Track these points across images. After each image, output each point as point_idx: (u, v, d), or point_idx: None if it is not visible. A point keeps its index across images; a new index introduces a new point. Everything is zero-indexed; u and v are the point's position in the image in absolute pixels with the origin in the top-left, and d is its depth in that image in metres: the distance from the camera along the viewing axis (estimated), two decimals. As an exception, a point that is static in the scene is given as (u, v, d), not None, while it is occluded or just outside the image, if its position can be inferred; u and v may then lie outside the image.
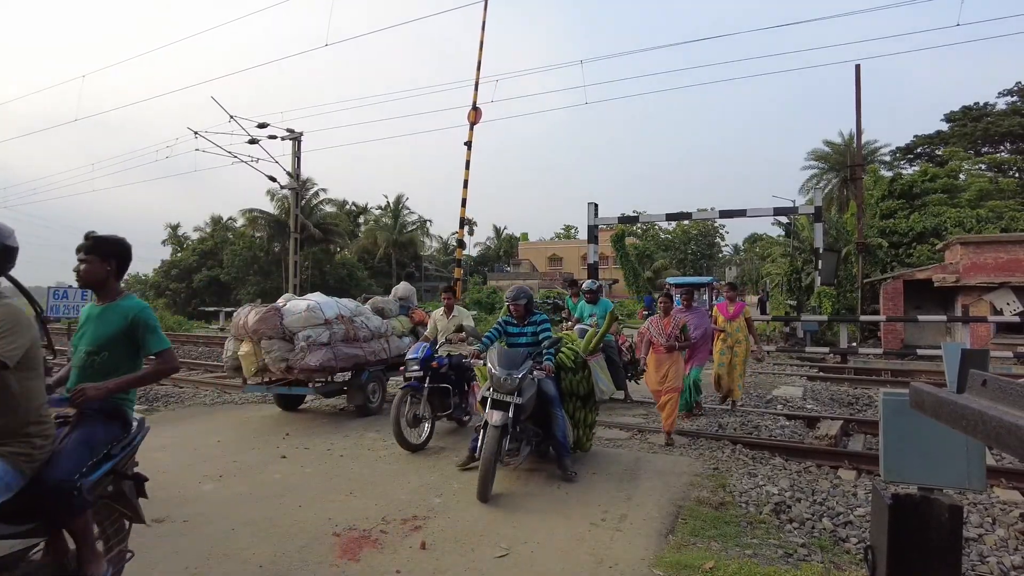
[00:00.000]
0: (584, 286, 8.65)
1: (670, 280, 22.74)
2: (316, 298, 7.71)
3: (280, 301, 7.70)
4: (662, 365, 6.44)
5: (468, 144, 16.85)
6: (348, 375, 7.85)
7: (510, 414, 4.75)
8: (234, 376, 7.90)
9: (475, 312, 17.52)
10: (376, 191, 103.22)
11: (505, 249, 64.19)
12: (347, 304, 7.93)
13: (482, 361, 5.34)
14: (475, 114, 16.81)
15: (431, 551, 3.68)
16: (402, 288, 9.60)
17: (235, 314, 7.68)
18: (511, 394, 4.79)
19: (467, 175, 16.93)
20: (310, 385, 7.37)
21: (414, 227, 52.21)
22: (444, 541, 3.82)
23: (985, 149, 37.68)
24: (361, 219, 55.64)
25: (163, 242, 52.03)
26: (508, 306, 5.70)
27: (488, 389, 4.94)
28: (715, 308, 8.48)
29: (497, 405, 4.79)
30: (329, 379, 7.65)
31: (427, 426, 6.20)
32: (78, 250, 2.74)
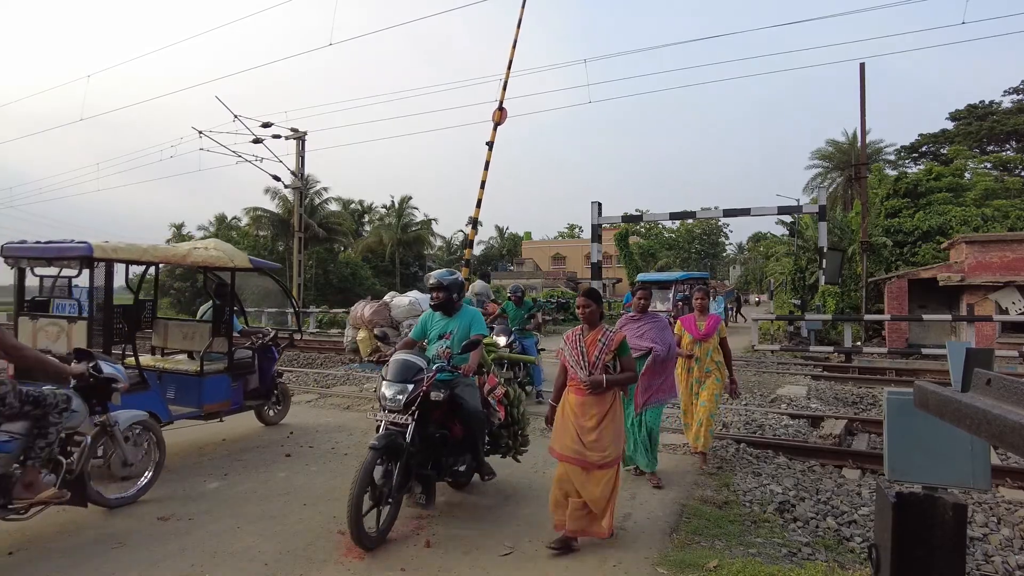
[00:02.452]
0: (509, 288, 8.51)
1: (641, 277, 19.92)
2: (414, 295, 9.93)
3: (386, 297, 10.07)
4: (587, 412, 3.66)
5: (490, 144, 16.53)
6: None
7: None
8: (353, 357, 10.47)
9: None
10: (381, 190, 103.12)
11: (508, 248, 64.17)
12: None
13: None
14: (500, 114, 16.25)
15: (435, 549, 3.70)
16: (478, 285, 11.41)
17: (353, 308, 10.04)
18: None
19: (485, 175, 16.59)
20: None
21: (418, 227, 52.23)
22: (448, 539, 3.83)
23: (991, 148, 37.52)
24: (366, 218, 55.70)
25: (167, 241, 52.14)
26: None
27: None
28: (678, 323, 5.81)
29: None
30: None
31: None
32: None
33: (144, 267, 5.84)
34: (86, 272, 5.37)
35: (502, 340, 7.89)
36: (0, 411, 3.43)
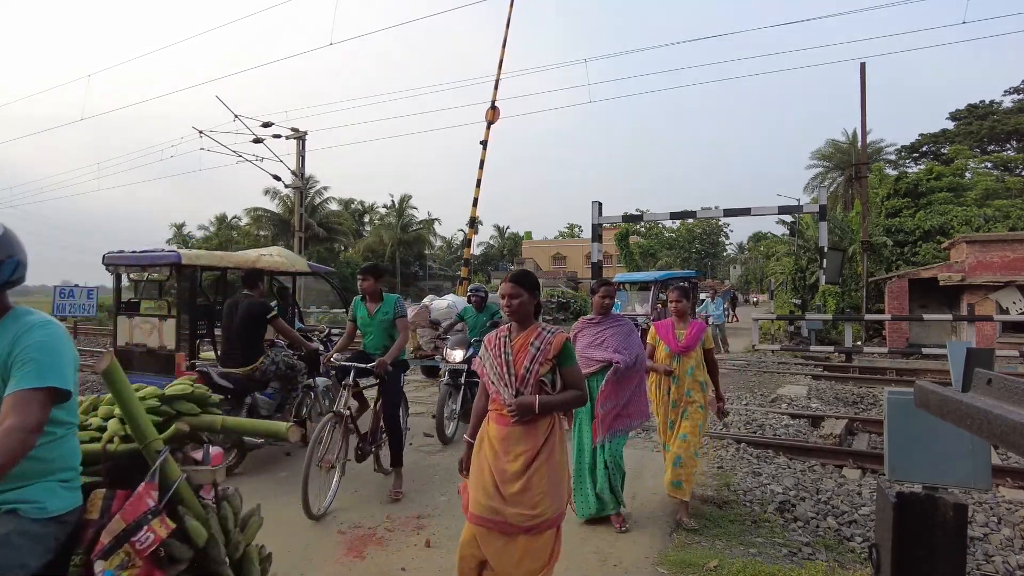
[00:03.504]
0: (469, 288, 7.42)
1: (620, 277, 17.82)
2: (451, 298, 11.27)
3: (426, 301, 11.35)
4: (510, 451, 2.52)
5: (484, 143, 16.61)
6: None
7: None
8: None
9: None
10: (382, 190, 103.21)
11: (509, 248, 64.18)
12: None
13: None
14: (493, 113, 16.46)
15: (436, 549, 3.70)
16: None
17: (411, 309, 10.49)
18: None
19: (480, 174, 16.71)
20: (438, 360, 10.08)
21: (419, 226, 52.24)
22: (449, 539, 3.83)
23: (991, 147, 37.52)
24: (366, 218, 55.73)
25: (168, 241, 52.26)
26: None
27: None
28: (652, 330, 4.62)
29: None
30: None
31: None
32: None
33: (220, 272, 6.81)
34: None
35: (457, 354, 6.53)
36: (275, 372, 5.44)
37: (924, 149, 39.39)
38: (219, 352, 5.74)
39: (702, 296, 18.57)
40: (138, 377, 4.86)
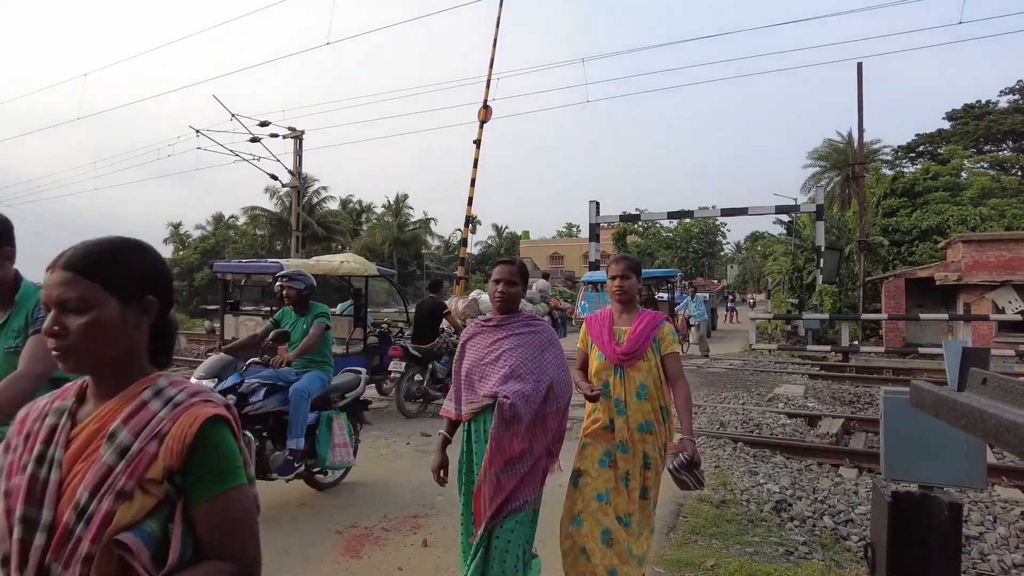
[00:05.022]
0: (280, 276, 6.75)
1: (587, 277, 16.90)
2: None
3: (474, 294, 12.34)
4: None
5: (477, 142, 16.64)
6: None
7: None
8: None
9: None
10: (381, 190, 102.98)
11: (506, 247, 64.16)
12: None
13: None
14: (485, 112, 16.52)
15: (432, 549, 3.69)
16: (541, 283, 13.52)
17: (448, 302, 11.30)
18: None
19: (475, 173, 16.72)
20: None
21: (416, 226, 52.19)
22: (446, 539, 3.82)
23: (987, 147, 37.60)
24: (363, 217, 55.67)
25: (165, 241, 52.13)
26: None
27: None
28: (583, 328, 2.97)
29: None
30: None
31: None
32: None
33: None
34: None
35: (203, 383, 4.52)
36: (446, 348, 7.68)
37: (920, 149, 39.44)
38: (411, 333, 8.36)
39: (682, 296, 17.38)
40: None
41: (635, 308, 2.81)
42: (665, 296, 17.08)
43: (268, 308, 8.33)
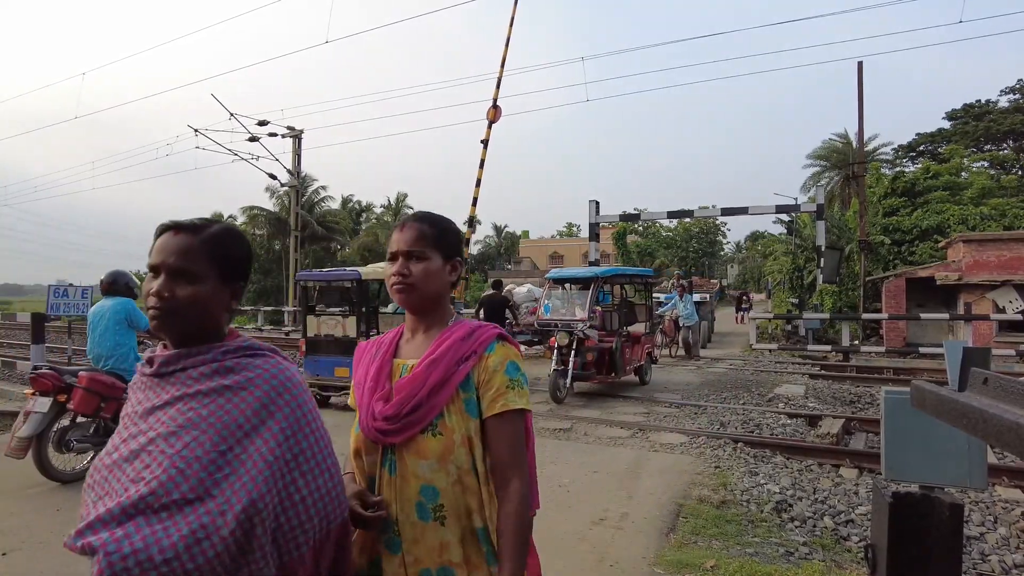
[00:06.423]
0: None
1: (552, 275, 10.87)
2: (529, 285, 13.44)
3: (508, 287, 12.82)
4: None
5: (485, 142, 16.54)
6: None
7: None
8: None
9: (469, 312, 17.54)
10: (380, 189, 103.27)
11: (506, 247, 64.17)
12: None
13: None
14: (495, 112, 16.33)
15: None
16: (528, 287, 14.43)
17: (481, 298, 11.78)
18: None
19: (480, 174, 16.63)
20: (528, 334, 12.82)
21: (415, 225, 52.17)
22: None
23: (987, 147, 37.60)
24: (363, 217, 55.70)
25: (164, 240, 52.14)
26: None
27: None
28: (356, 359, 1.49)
29: None
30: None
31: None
32: None
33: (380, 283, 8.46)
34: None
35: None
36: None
37: (920, 148, 39.45)
38: None
39: (662, 297, 15.64)
40: (325, 358, 8.30)
41: (440, 318, 1.41)
42: (662, 298, 15.29)
43: (344, 309, 9.02)
